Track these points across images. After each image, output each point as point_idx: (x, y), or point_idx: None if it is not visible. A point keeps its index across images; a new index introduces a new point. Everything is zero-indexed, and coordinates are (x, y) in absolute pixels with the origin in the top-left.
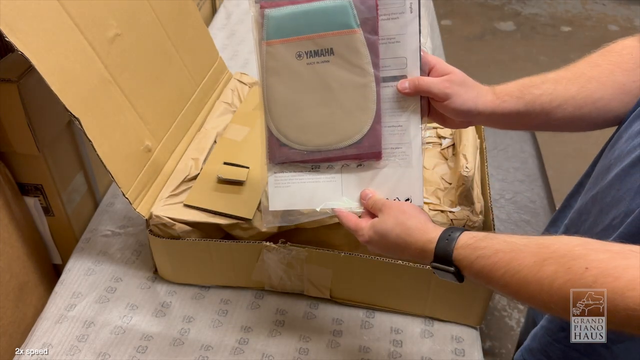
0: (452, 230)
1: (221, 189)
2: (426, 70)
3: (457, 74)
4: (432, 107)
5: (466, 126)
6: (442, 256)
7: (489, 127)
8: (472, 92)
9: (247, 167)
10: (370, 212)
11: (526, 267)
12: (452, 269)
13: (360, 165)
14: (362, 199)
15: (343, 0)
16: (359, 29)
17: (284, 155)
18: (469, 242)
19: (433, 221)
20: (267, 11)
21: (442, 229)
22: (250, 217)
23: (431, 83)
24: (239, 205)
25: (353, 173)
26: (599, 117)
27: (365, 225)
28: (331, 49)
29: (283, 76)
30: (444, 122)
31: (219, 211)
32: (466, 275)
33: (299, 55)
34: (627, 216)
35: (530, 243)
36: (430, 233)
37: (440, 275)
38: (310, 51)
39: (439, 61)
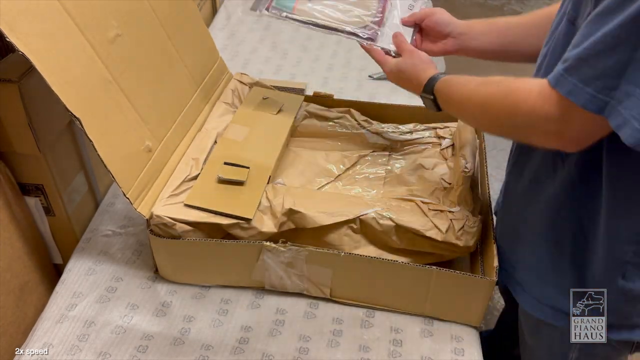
0: (440, 74)
1: (221, 188)
2: None
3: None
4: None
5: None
6: (428, 89)
7: (465, 53)
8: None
9: (247, 167)
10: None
11: (470, 86)
12: (431, 96)
13: None
14: (394, 37)
15: None
16: None
17: None
18: (445, 79)
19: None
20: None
21: (435, 72)
22: (251, 217)
23: None
24: (239, 205)
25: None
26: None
27: (391, 61)
28: None
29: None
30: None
31: (219, 211)
32: (439, 100)
33: None
34: None
35: (479, 78)
36: (428, 75)
37: (427, 104)
38: None
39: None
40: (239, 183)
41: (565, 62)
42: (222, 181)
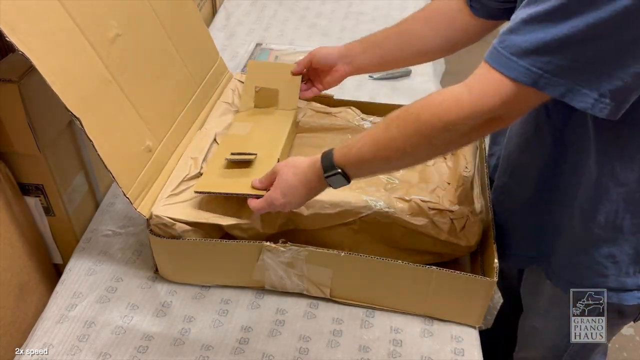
0: (327, 151)
1: (230, 174)
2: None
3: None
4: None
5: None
6: (329, 166)
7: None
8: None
9: (255, 154)
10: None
11: (380, 135)
12: (339, 170)
13: None
14: (254, 186)
15: None
16: None
17: None
18: (342, 149)
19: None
20: None
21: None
22: (263, 194)
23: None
24: (249, 185)
25: None
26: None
27: (270, 192)
28: None
29: None
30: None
31: (230, 192)
32: (349, 172)
33: None
34: None
35: (380, 122)
36: (313, 161)
37: (334, 182)
38: None
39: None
40: (248, 164)
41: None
42: (231, 165)
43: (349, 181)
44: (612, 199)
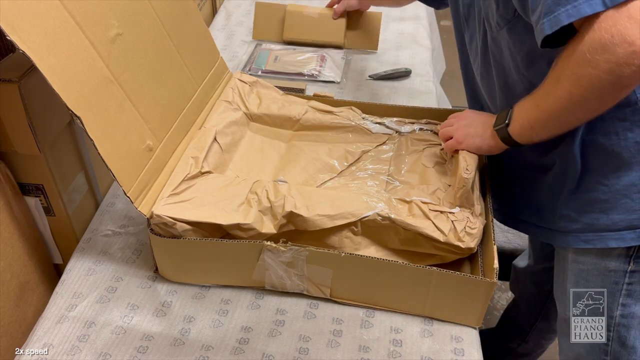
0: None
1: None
2: None
3: None
4: None
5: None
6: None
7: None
8: None
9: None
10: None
11: (541, 87)
12: (506, 122)
13: None
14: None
15: None
16: None
17: None
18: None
19: None
20: None
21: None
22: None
23: None
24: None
25: None
26: None
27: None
28: None
29: None
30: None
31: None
32: (518, 119)
33: None
34: None
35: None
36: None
37: (500, 133)
38: None
39: None
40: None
41: None
42: None
43: (510, 139)
44: None
